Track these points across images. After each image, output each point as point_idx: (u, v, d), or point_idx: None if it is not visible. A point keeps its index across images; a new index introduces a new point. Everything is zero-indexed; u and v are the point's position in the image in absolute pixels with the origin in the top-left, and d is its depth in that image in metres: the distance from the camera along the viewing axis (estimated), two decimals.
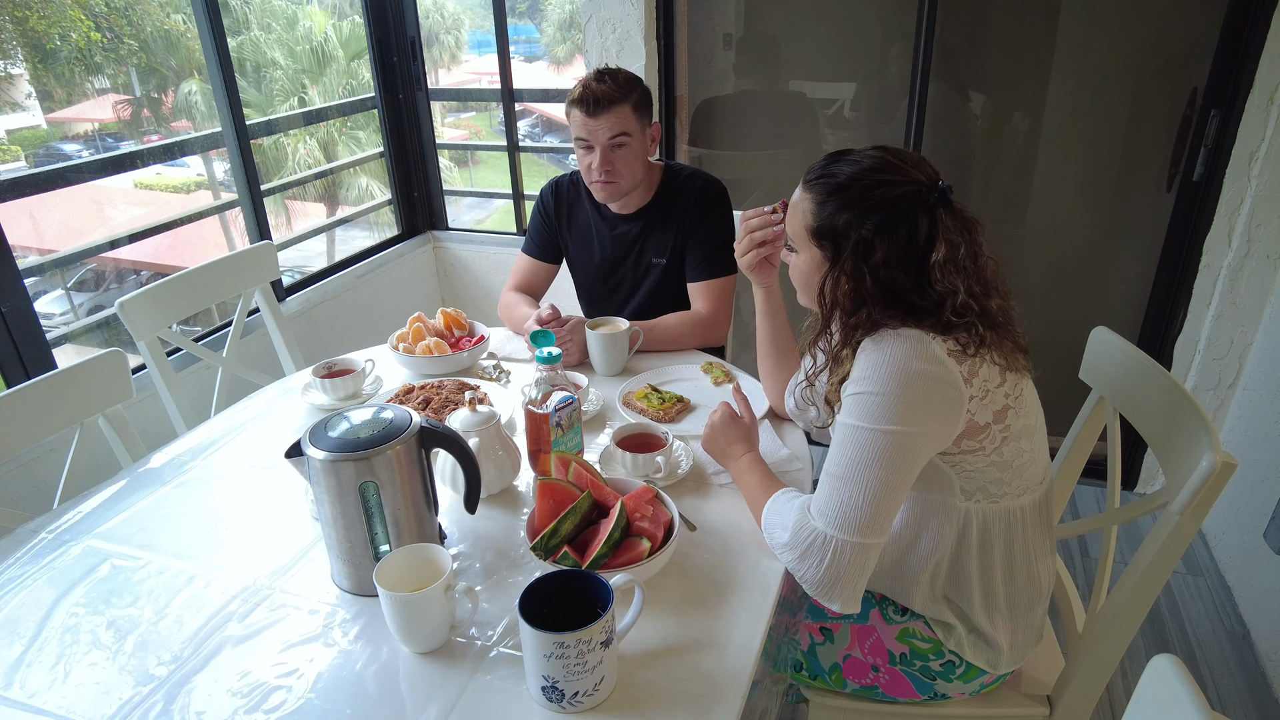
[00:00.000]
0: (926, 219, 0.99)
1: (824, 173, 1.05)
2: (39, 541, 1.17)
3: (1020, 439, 1.04)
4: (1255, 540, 2.00)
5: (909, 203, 0.99)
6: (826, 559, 0.97)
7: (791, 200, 1.10)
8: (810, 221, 1.05)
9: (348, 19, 8.19)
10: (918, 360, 0.95)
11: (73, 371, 1.42)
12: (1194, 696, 0.63)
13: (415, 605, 0.90)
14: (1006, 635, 1.14)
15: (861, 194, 1.00)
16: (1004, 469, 1.05)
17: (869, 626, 1.20)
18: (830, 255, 1.04)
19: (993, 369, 0.99)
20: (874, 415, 0.96)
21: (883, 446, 0.96)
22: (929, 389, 0.96)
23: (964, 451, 1.02)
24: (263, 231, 2.47)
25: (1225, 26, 2.05)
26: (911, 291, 1.00)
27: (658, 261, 1.82)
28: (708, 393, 1.54)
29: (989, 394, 0.99)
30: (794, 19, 2.50)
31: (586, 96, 1.63)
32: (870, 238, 0.99)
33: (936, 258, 0.98)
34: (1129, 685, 1.87)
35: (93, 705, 0.88)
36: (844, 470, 0.97)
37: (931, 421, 0.97)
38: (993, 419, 1.01)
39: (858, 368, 1.00)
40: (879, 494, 0.96)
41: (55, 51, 4.87)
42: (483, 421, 1.20)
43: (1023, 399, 1.04)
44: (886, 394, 0.96)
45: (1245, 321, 2.18)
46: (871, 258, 1.00)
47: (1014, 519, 1.09)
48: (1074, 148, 2.37)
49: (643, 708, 0.86)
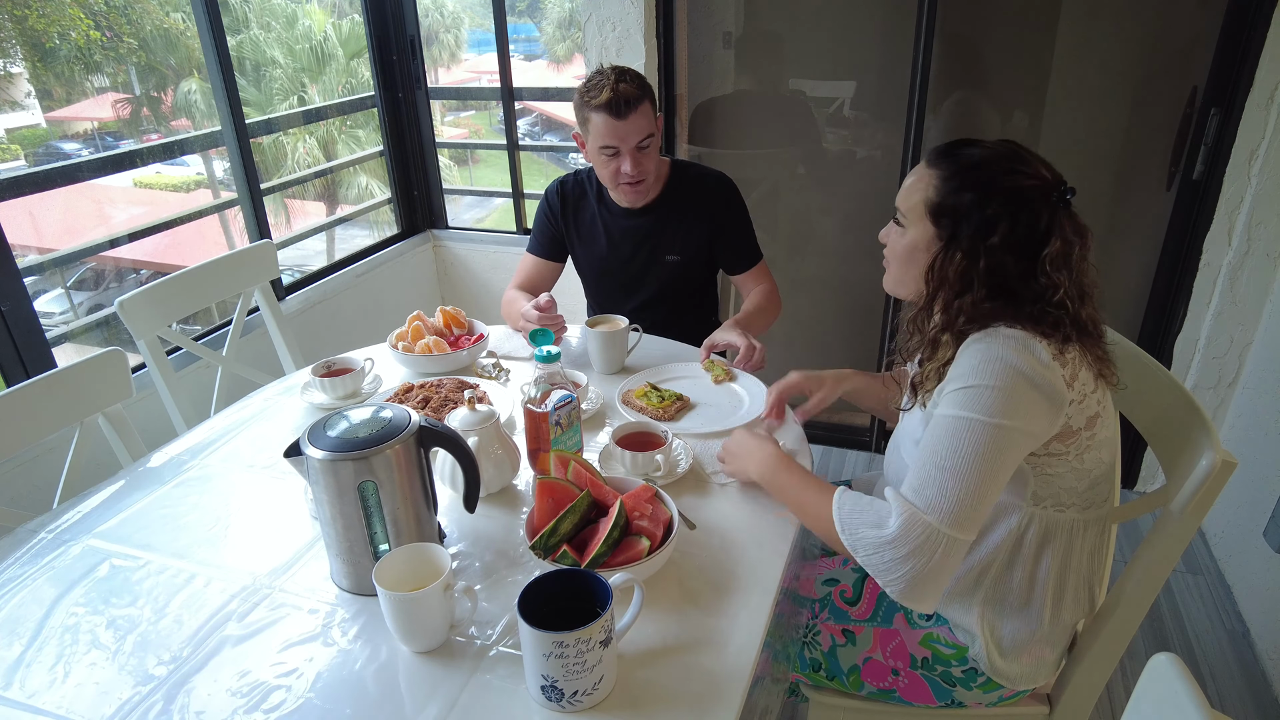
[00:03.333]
0: (1047, 214, 1.00)
1: (953, 152, 1.06)
2: (39, 541, 1.17)
3: (1101, 449, 1.05)
4: (1255, 539, 2.00)
5: (1035, 195, 1.00)
6: (937, 555, 0.93)
7: (910, 179, 1.10)
8: (932, 196, 1.05)
9: (347, 17, 8.19)
10: (1025, 358, 0.96)
11: (72, 371, 1.42)
12: (1193, 695, 0.63)
13: (414, 605, 0.90)
14: (1032, 653, 1.13)
15: (991, 177, 1.02)
16: (1080, 478, 1.05)
17: (893, 630, 1.19)
18: (946, 233, 1.05)
19: (1088, 374, 1.00)
20: (986, 408, 0.95)
21: (992, 440, 0.95)
22: (1035, 387, 0.96)
23: (1050, 454, 1.02)
24: (262, 230, 2.47)
25: (1225, 25, 2.05)
26: (1016, 280, 1.01)
27: (672, 259, 1.82)
28: (707, 391, 1.54)
29: (1086, 398, 1.00)
30: (794, 17, 2.50)
31: (616, 100, 1.59)
32: (994, 218, 1.00)
33: (1049, 251, 0.99)
34: (1129, 684, 1.87)
35: (92, 705, 0.88)
36: (951, 462, 0.95)
37: (1034, 419, 0.97)
38: (1085, 424, 1.01)
39: (964, 362, 0.99)
40: (986, 489, 0.95)
41: (55, 50, 4.87)
42: (482, 420, 1.20)
43: (1108, 410, 1.05)
44: (997, 389, 0.95)
45: (1245, 320, 2.18)
46: (990, 238, 1.00)
47: (1075, 532, 1.09)
48: (1074, 146, 2.36)
49: (642, 707, 0.86)
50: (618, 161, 1.66)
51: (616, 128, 1.62)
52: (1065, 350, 0.98)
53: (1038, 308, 0.99)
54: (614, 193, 1.76)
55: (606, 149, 1.66)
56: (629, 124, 1.61)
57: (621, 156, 1.66)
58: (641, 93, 1.63)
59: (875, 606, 1.22)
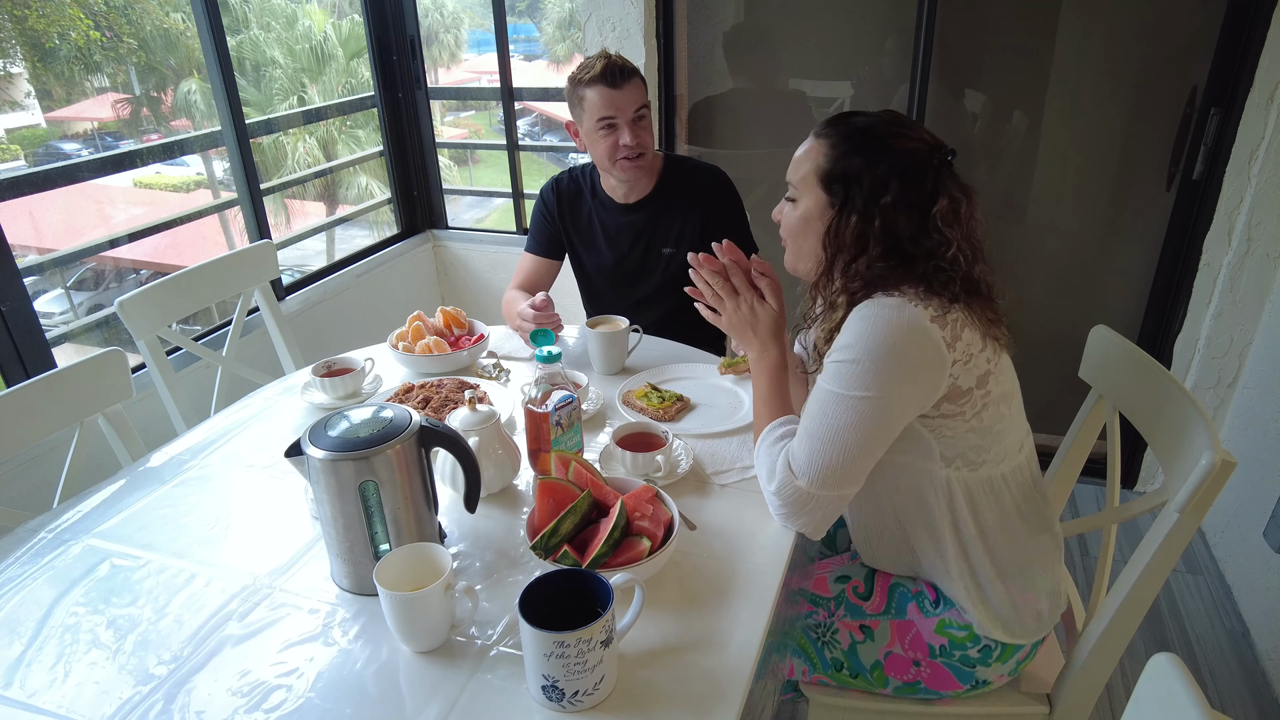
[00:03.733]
0: (933, 175, 1.05)
1: (838, 123, 1.11)
2: (39, 541, 1.17)
3: (1000, 404, 1.07)
4: (1255, 539, 2.01)
5: (920, 156, 1.06)
6: (809, 508, 1.07)
7: (799, 152, 1.14)
8: (823, 164, 1.09)
9: (347, 18, 8.19)
10: (900, 326, 1.00)
11: (72, 371, 1.42)
12: (1193, 695, 0.63)
13: (415, 604, 0.90)
14: (1030, 604, 1.15)
15: (877, 141, 1.07)
16: (984, 435, 1.07)
17: (908, 621, 1.20)
18: (839, 198, 1.08)
19: (974, 334, 1.03)
20: (852, 383, 1.01)
21: (860, 412, 1.01)
22: (909, 354, 1.00)
23: (943, 415, 1.05)
24: (262, 230, 2.47)
25: (1225, 25, 2.05)
26: (909, 240, 1.05)
27: (668, 251, 1.82)
28: (707, 391, 1.54)
29: (972, 358, 1.03)
30: (793, 17, 2.50)
31: (610, 69, 1.64)
32: (885, 178, 1.05)
33: (939, 209, 1.04)
34: (1128, 684, 1.87)
35: (93, 705, 0.88)
36: (824, 433, 1.03)
37: (910, 385, 1.02)
38: (975, 383, 1.04)
39: (843, 336, 1.04)
40: (857, 454, 1.03)
41: (54, 50, 4.87)
42: (482, 420, 1.20)
43: (1001, 365, 1.08)
44: (865, 361, 1.00)
45: (1245, 320, 2.18)
46: (883, 197, 1.05)
47: (998, 486, 1.11)
48: (1074, 146, 2.36)
49: (643, 707, 0.86)
50: (615, 135, 1.68)
51: (613, 97, 1.65)
52: (949, 311, 1.01)
53: (930, 265, 1.04)
54: (613, 173, 1.75)
55: (604, 120, 1.67)
56: (624, 94, 1.65)
57: (620, 129, 1.67)
58: (634, 67, 1.69)
59: (888, 599, 1.22)
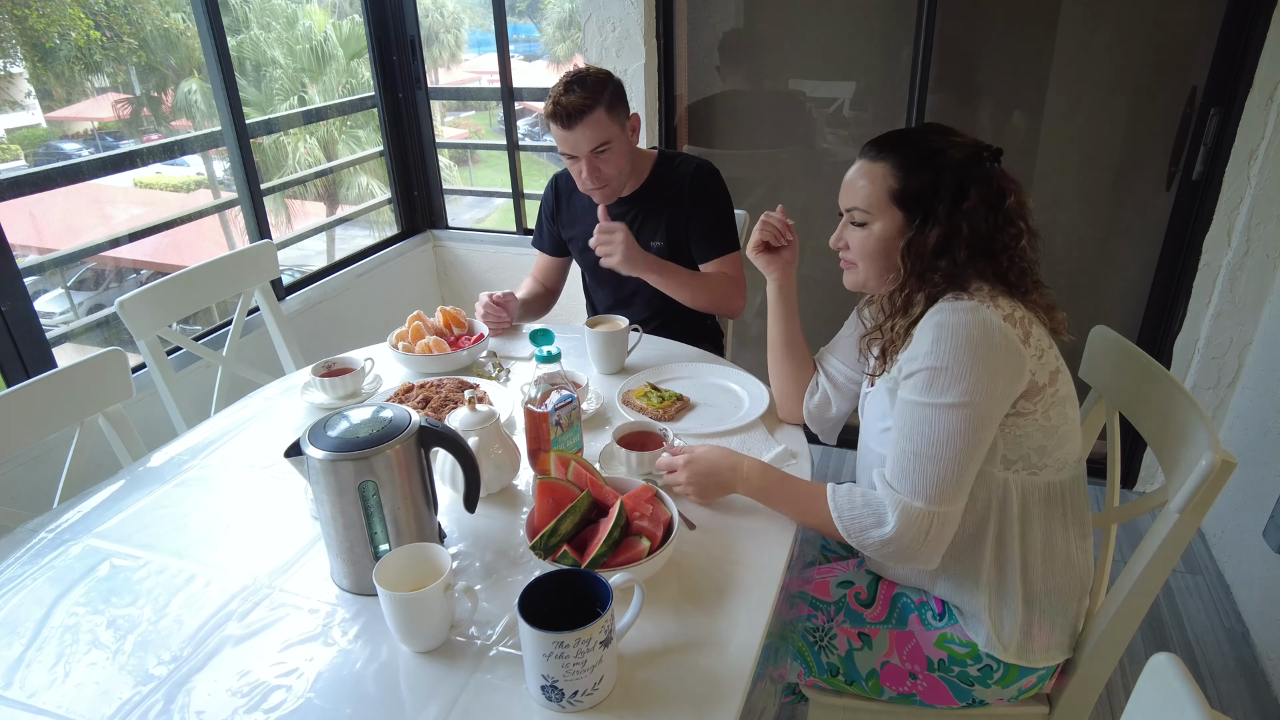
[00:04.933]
0: (994, 172, 1.08)
1: (893, 142, 1.12)
2: (39, 541, 1.17)
3: (1066, 404, 1.08)
4: (1254, 539, 2.01)
5: (976, 158, 1.08)
6: (933, 531, 1.03)
7: (856, 172, 1.14)
8: (894, 185, 1.10)
9: (347, 18, 8.19)
10: (978, 327, 1.00)
11: (72, 370, 1.42)
12: (1193, 695, 0.63)
13: (415, 605, 0.90)
14: (1044, 633, 1.14)
15: (939, 153, 1.08)
16: (1049, 435, 1.07)
17: (908, 632, 1.19)
18: (918, 214, 1.09)
19: (1041, 330, 1.05)
20: (942, 390, 1.01)
21: (956, 420, 1.01)
22: (992, 355, 1.00)
23: (1018, 414, 1.05)
24: (262, 230, 2.47)
25: (1225, 25, 2.05)
26: (988, 237, 1.07)
27: (657, 245, 1.83)
28: (707, 391, 1.54)
29: (1044, 353, 1.04)
30: (794, 18, 2.50)
31: (558, 111, 1.61)
32: (962, 185, 1.06)
33: (1010, 202, 1.07)
34: (1128, 684, 1.87)
35: (92, 705, 0.88)
36: (926, 449, 1.02)
37: (995, 385, 1.01)
38: (1048, 380, 1.05)
39: (918, 344, 1.04)
40: (963, 464, 1.02)
41: (55, 50, 4.87)
42: (482, 420, 1.20)
43: (1064, 367, 1.09)
44: (951, 368, 1.00)
45: (1244, 320, 2.18)
46: (964, 203, 1.06)
47: (1053, 495, 1.10)
48: (1073, 146, 2.36)
49: (642, 707, 0.86)
50: (578, 165, 1.70)
51: (565, 137, 1.65)
52: (1014, 309, 1.03)
53: (1007, 257, 1.06)
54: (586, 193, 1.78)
55: (565, 155, 1.70)
56: (576, 134, 1.63)
57: (579, 161, 1.68)
58: (592, 100, 1.61)
59: (890, 609, 1.22)
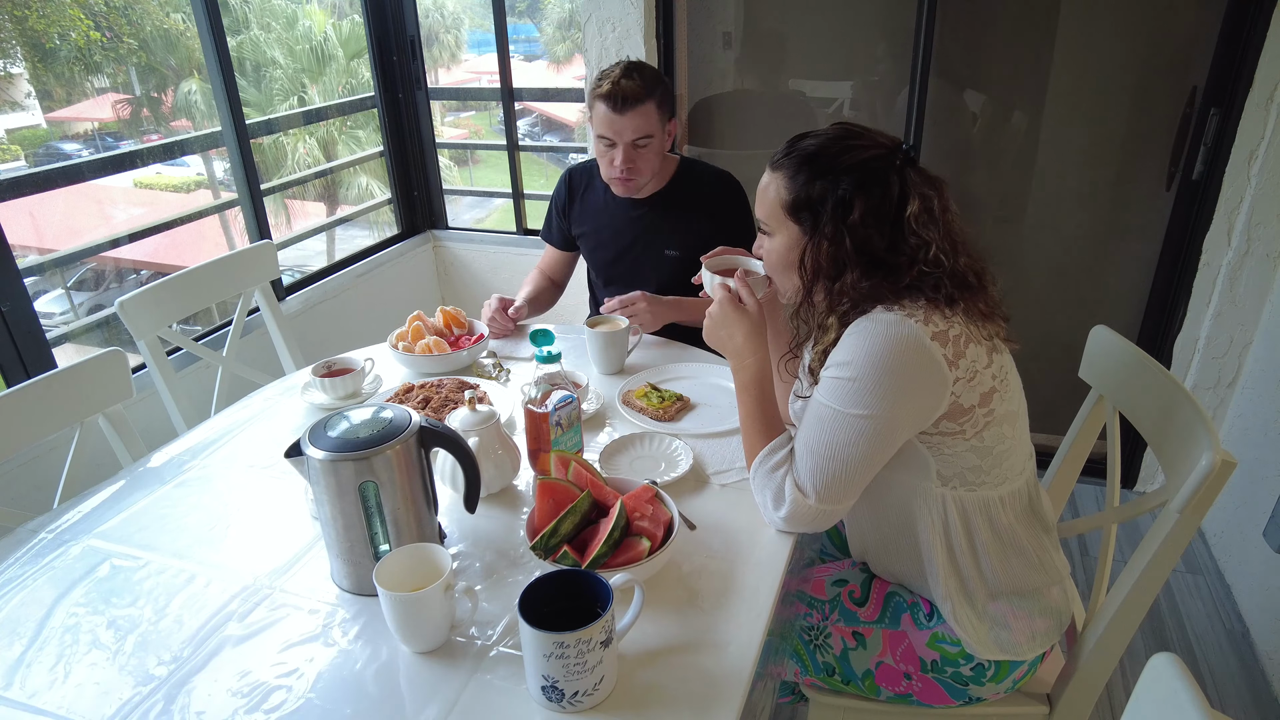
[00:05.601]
0: (897, 178, 1.03)
1: (790, 151, 1.09)
2: (39, 541, 1.17)
3: (1003, 424, 1.06)
4: (1255, 539, 2.01)
5: (879, 164, 1.03)
6: (815, 523, 1.08)
7: (760, 186, 1.13)
8: (785, 196, 1.08)
9: (347, 18, 8.19)
10: (898, 342, 0.98)
11: (73, 371, 1.42)
12: (1193, 695, 0.63)
13: (415, 605, 0.90)
14: (1023, 623, 1.14)
15: (831, 160, 1.05)
16: (984, 455, 1.06)
17: (900, 632, 1.19)
18: (809, 226, 1.07)
19: (979, 349, 1.01)
20: (850, 401, 1.00)
21: (858, 430, 1.01)
22: (908, 373, 0.99)
23: (942, 434, 1.04)
24: (262, 231, 2.47)
25: (1225, 25, 2.05)
26: (886, 251, 1.03)
27: (671, 253, 1.82)
28: (707, 391, 1.54)
29: (977, 375, 1.01)
30: (793, 17, 2.50)
31: (615, 93, 1.62)
32: (848, 197, 1.03)
33: (910, 211, 1.02)
34: (1129, 684, 1.87)
35: (93, 705, 0.89)
36: (825, 450, 1.03)
37: (909, 404, 1.00)
38: (978, 402, 1.02)
39: (840, 351, 1.03)
40: (858, 469, 1.03)
41: (54, 50, 4.87)
42: (482, 421, 1.20)
43: (1008, 383, 1.06)
44: (863, 380, 0.99)
45: (1244, 320, 2.18)
46: (849, 216, 1.03)
47: (993, 509, 1.10)
48: (1073, 146, 2.36)
49: (642, 707, 0.86)
50: (612, 153, 1.68)
51: (613, 121, 1.64)
52: (950, 327, 0.99)
53: (914, 272, 1.02)
54: (608, 182, 1.77)
55: (603, 139, 1.69)
56: (625, 120, 1.63)
57: (616, 149, 1.68)
58: (646, 91, 1.63)
59: (883, 608, 1.22)
